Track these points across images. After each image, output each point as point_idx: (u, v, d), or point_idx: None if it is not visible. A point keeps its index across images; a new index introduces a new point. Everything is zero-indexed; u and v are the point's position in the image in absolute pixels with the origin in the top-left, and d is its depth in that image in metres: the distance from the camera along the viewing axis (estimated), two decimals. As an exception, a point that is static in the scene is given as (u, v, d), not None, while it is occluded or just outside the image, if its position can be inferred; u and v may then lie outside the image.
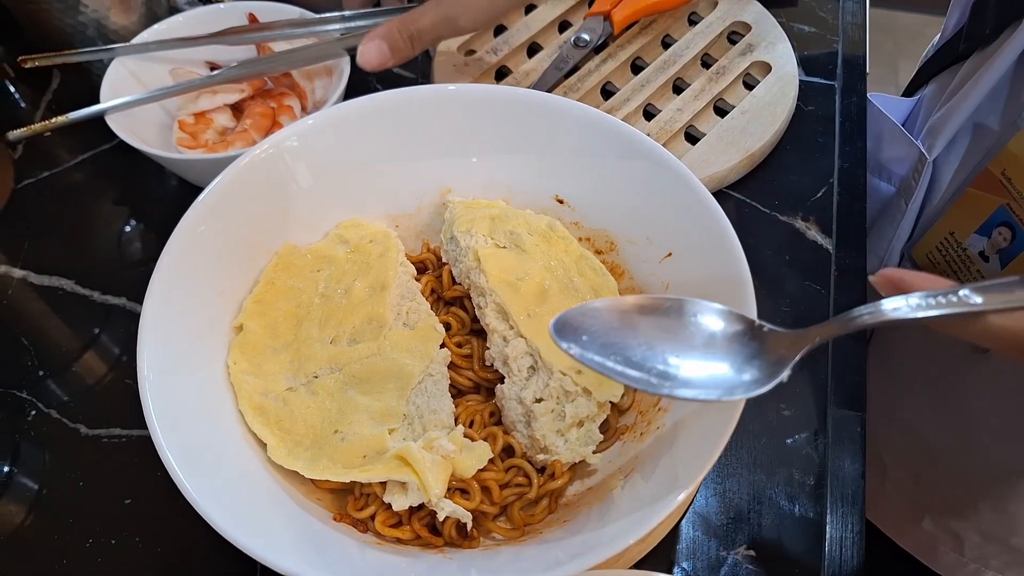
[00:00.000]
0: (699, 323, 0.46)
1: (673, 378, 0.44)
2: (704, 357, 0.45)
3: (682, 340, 0.46)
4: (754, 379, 0.44)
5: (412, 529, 0.57)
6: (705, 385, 0.44)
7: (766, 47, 0.91)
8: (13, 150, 0.91)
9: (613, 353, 0.45)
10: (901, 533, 0.99)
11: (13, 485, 0.69)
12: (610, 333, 0.46)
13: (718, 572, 0.62)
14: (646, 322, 0.47)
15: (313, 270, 0.66)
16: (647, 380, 0.44)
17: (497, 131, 0.68)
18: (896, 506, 0.98)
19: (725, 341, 0.46)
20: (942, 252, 0.77)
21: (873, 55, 0.99)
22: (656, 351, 0.45)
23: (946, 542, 0.93)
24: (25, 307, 0.80)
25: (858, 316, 0.43)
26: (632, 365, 0.45)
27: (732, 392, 0.44)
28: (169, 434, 0.51)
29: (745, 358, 0.45)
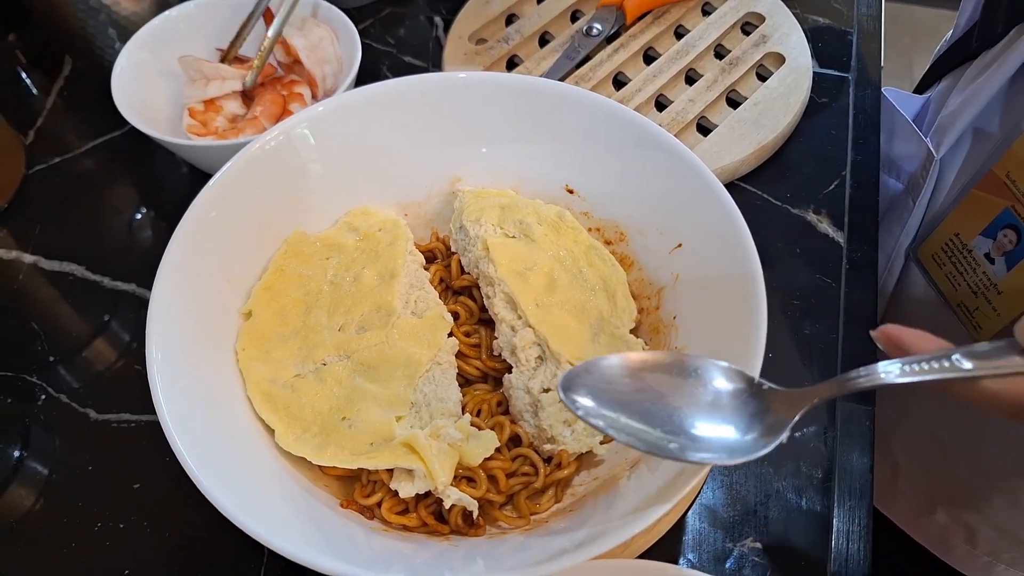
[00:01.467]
0: (702, 382, 0.47)
1: (679, 441, 0.45)
2: (708, 418, 0.46)
3: (686, 398, 0.47)
4: (755, 441, 0.45)
5: (418, 516, 0.57)
6: (710, 448, 0.45)
7: (780, 38, 0.91)
8: (25, 136, 0.91)
9: (619, 413, 0.46)
10: (914, 526, 0.98)
11: (23, 469, 0.69)
12: (617, 392, 0.47)
13: (724, 564, 0.62)
14: (651, 379, 0.48)
15: (322, 257, 0.66)
16: (655, 443, 0.45)
17: (507, 120, 0.68)
18: (909, 499, 0.97)
19: (727, 401, 0.46)
20: (948, 253, 0.76)
21: (889, 49, 0.98)
22: (662, 411, 0.46)
23: (959, 535, 0.93)
24: (35, 292, 0.80)
25: (854, 379, 0.44)
26: (637, 427, 0.45)
27: (734, 455, 0.44)
28: (178, 419, 0.51)
29: (746, 418, 0.46)
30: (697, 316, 0.61)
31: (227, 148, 0.72)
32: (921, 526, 0.97)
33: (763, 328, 0.52)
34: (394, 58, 0.97)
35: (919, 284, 0.85)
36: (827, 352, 0.72)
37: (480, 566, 0.51)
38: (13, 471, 0.69)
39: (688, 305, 0.62)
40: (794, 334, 0.74)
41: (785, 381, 0.70)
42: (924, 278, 0.82)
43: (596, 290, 0.65)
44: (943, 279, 0.78)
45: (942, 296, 0.79)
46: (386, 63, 0.96)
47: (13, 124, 0.90)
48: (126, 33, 0.87)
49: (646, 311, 0.65)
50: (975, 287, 0.74)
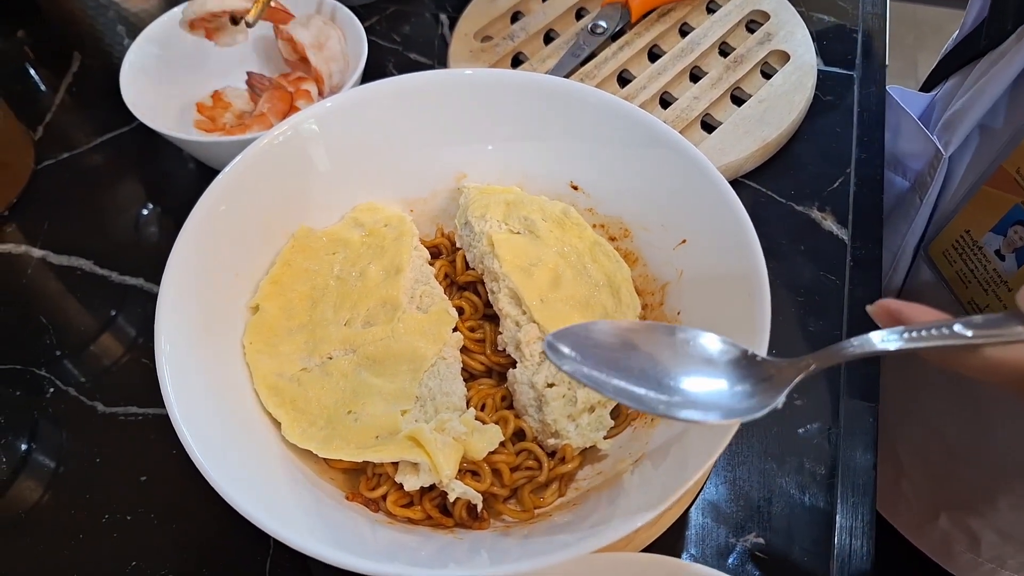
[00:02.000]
0: (695, 347, 0.46)
1: (670, 398, 0.44)
2: (702, 379, 0.45)
3: (679, 361, 0.45)
4: (750, 404, 0.43)
5: (423, 509, 0.57)
6: (703, 406, 0.44)
7: (785, 36, 0.91)
8: (34, 132, 0.92)
9: (609, 371, 0.44)
10: (916, 532, 0.98)
11: (31, 462, 0.70)
12: (607, 352, 0.46)
13: (727, 559, 0.62)
14: (643, 343, 0.47)
15: (328, 252, 0.67)
16: (644, 398, 0.44)
17: (512, 117, 0.68)
18: (912, 504, 0.97)
19: (721, 366, 0.46)
20: (958, 250, 0.76)
21: (893, 48, 0.98)
22: (653, 371, 0.45)
23: (962, 541, 0.93)
24: (44, 287, 0.81)
25: (849, 348, 0.43)
26: (628, 382, 0.44)
27: (729, 415, 0.43)
28: (185, 412, 0.52)
29: (741, 383, 0.45)
30: (701, 312, 0.61)
31: (234, 144, 0.73)
32: (924, 533, 0.97)
33: (767, 325, 0.53)
34: (400, 55, 0.97)
35: (928, 282, 0.85)
36: (830, 349, 0.73)
37: (484, 558, 0.52)
38: (21, 463, 0.69)
39: (692, 301, 0.62)
40: (798, 331, 0.74)
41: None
42: (934, 275, 0.82)
43: (600, 286, 0.65)
44: (953, 276, 0.78)
45: (952, 293, 0.79)
46: (392, 60, 0.97)
47: (22, 120, 0.90)
48: (134, 30, 0.87)
49: (650, 307, 0.66)
50: (985, 284, 0.74)
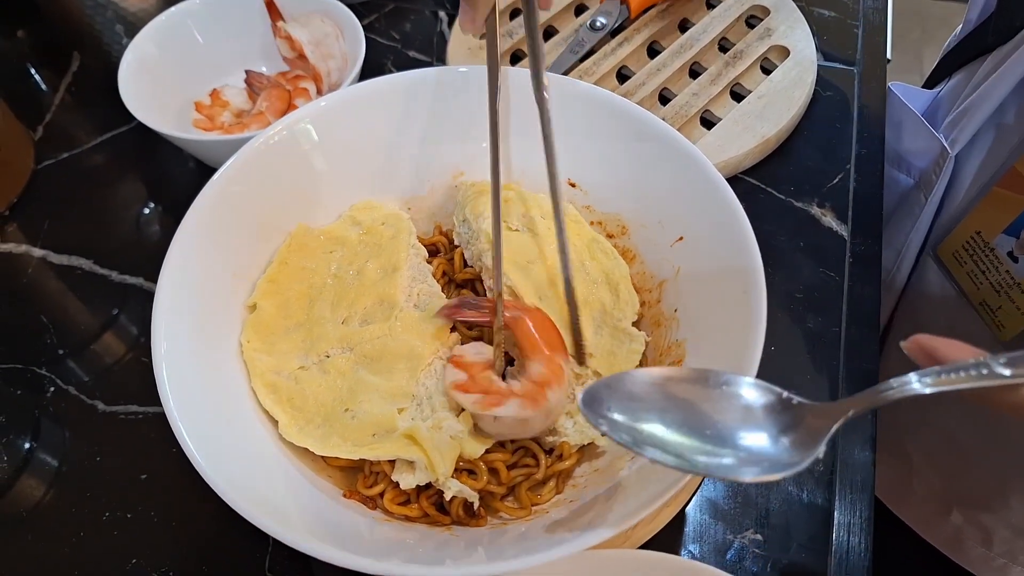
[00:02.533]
0: (732, 394, 0.45)
1: (710, 459, 0.42)
2: (739, 434, 0.43)
3: (717, 411, 0.44)
4: (790, 456, 0.42)
5: (420, 507, 0.57)
6: (743, 466, 0.42)
7: (784, 31, 0.91)
8: (34, 132, 0.92)
9: (646, 430, 0.43)
10: (926, 526, 0.97)
11: (33, 460, 0.70)
12: (643, 405, 0.44)
13: (725, 555, 0.62)
14: (680, 392, 0.45)
15: (326, 251, 0.67)
16: (684, 461, 0.42)
17: (510, 114, 0.68)
18: (923, 501, 0.97)
19: (757, 415, 0.44)
20: (969, 252, 0.76)
21: (898, 42, 0.98)
22: (692, 424, 0.44)
23: (974, 536, 0.92)
24: (44, 286, 0.81)
25: (888, 390, 0.42)
26: (665, 445, 0.43)
27: (771, 471, 0.42)
28: (183, 411, 0.52)
29: (778, 433, 0.43)
30: (698, 309, 0.61)
31: (232, 143, 0.73)
32: (935, 528, 0.96)
33: (763, 321, 0.53)
34: (399, 53, 0.97)
35: (934, 282, 0.84)
36: (830, 346, 0.73)
37: (481, 555, 0.52)
38: (23, 462, 0.70)
39: (689, 298, 0.62)
40: (797, 328, 0.74)
41: (787, 374, 0.70)
42: (943, 276, 0.82)
43: (598, 283, 0.65)
44: (964, 277, 0.77)
45: (963, 294, 0.78)
46: (390, 58, 0.97)
47: (22, 119, 0.91)
48: (133, 29, 0.87)
49: (648, 304, 0.66)
50: (998, 285, 0.74)
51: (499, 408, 0.55)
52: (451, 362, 0.58)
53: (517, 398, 0.55)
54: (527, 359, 0.58)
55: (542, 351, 0.58)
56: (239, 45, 0.90)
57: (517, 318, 0.59)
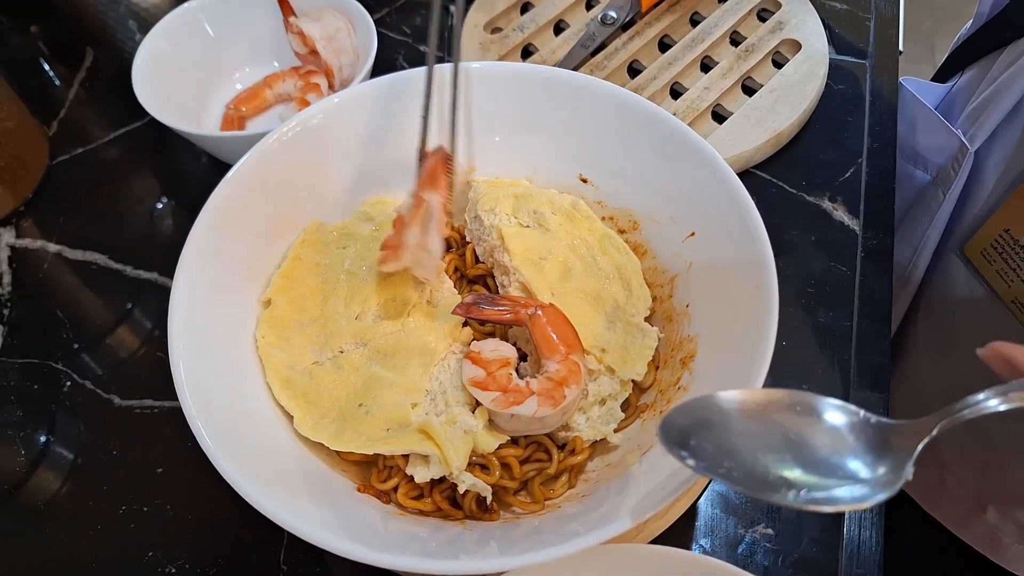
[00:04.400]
0: (814, 422, 0.43)
1: (796, 485, 0.41)
2: (827, 455, 0.42)
3: (800, 440, 0.43)
4: (876, 481, 0.41)
5: (433, 501, 0.58)
6: (831, 493, 0.41)
7: (796, 24, 0.90)
8: (49, 127, 0.92)
9: (731, 460, 0.42)
10: (962, 525, 0.96)
11: (50, 454, 0.71)
12: (725, 438, 0.43)
13: (736, 550, 0.63)
14: (760, 416, 0.44)
15: (339, 247, 0.67)
16: (772, 491, 0.41)
17: (521, 109, 0.68)
18: (957, 498, 0.96)
19: (845, 440, 0.43)
20: (998, 250, 0.75)
21: (910, 33, 0.97)
22: (775, 452, 0.42)
23: (1010, 533, 0.91)
24: (60, 281, 0.82)
25: (969, 407, 0.41)
26: (751, 473, 0.42)
27: (859, 500, 0.40)
28: (199, 405, 0.52)
29: (867, 456, 0.42)
30: (710, 304, 0.61)
31: (246, 139, 0.73)
32: (970, 526, 0.95)
33: (774, 316, 0.53)
34: (410, 47, 0.97)
35: (960, 280, 0.84)
36: (841, 340, 0.73)
37: (494, 549, 0.52)
38: (40, 455, 0.70)
39: (701, 293, 0.62)
40: (809, 322, 0.74)
41: (799, 368, 0.70)
42: (970, 274, 0.81)
43: (611, 278, 0.65)
44: (994, 275, 0.77)
45: (993, 293, 0.78)
46: (402, 52, 0.97)
47: (36, 115, 0.91)
48: (146, 24, 0.88)
49: (659, 299, 0.66)
50: None
51: (518, 407, 0.55)
52: (468, 358, 0.59)
53: (535, 396, 0.56)
54: (543, 357, 0.58)
55: (558, 349, 0.58)
56: (251, 40, 0.90)
57: (532, 315, 0.59)
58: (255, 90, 0.89)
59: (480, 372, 0.58)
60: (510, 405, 0.56)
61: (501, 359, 0.59)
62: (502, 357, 0.59)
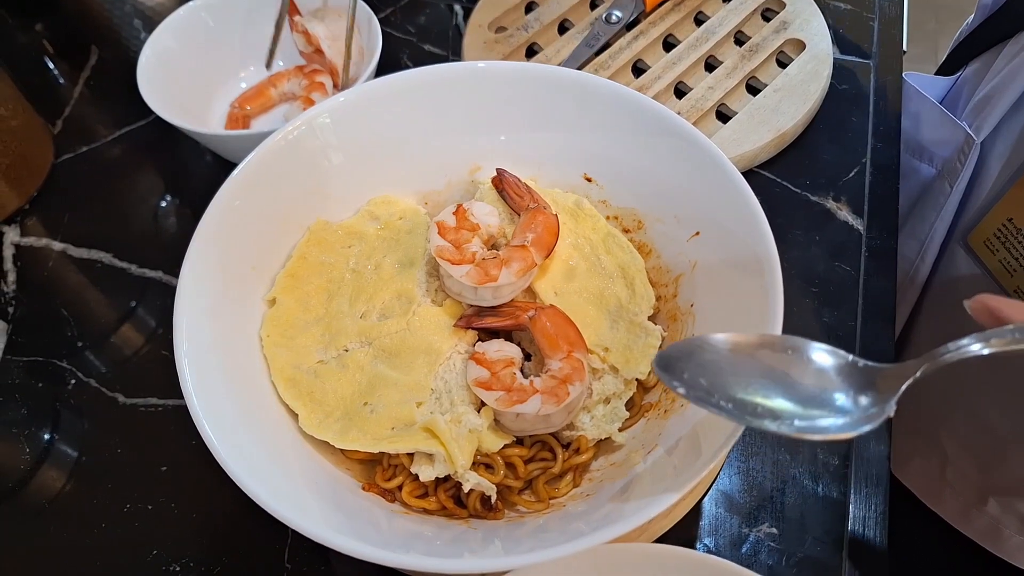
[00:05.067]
0: (801, 360, 0.46)
1: (782, 415, 0.44)
2: (813, 392, 0.45)
3: (790, 376, 0.45)
4: (860, 414, 0.43)
5: (438, 500, 0.58)
6: (816, 423, 0.43)
7: (800, 24, 0.90)
8: (53, 126, 0.92)
9: (720, 391, 0.45)
10: (963, 519, 0.96)
11: (54, 452, 0.71)
12: (716, 370, 0.46)
13: (740, 549, 0.63)
14: (751, 357, 0.47)
15: (344, 246, 0.67)
16: (758, 420, 0.43)
17: (526, 109, 0.68)
18: (958, 492, 0.96)
19: (828, 377, 0.45)
20: (1001, 239, 0.75)
21: (914, 33, 0.97)
22: (765, 387, 0.45)
23: (1011, 525, 0.91)
24: (64, 279, 0.82)
25: (949, 352, 0.42)
26: (740, 403, 0.44)
27: (845, 428, 0.43)
28: (205, 404, 0.52)
29: (853, 394, 0.44)
30: (714, 303, 0.61)
31: (250, 138, 0.74)
32: (971, 519, 0.95)
33: (779, 316, 0.53)
34: (414, 47, 0.97)
35: (964, 271, 0.84)
36: (846, 340, 0.73)
37: (498, 548, 0.52)
38: (44, 453, 0.71)
39: (705, 292, 0.62)
40: (813, 322, 0.74)
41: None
42: (974, 265, 0.81)
43: (614, 277, 0.65)
44: (997, 265, 0.77)
45: (996, 283, 0.78)
46: (407, 52, 0.97)
47: (41, 113, 0.91)
48: (151, 23, 0.88)
49: (664, 299, 0.66)
50: None
51: (522, 405, 0.56)
52: (473, 359, 0.59)
53: (539, 395, 0.56)
54: (546, 356, 0.58)
55: (561, 347, 0.58)
56: (257, 39, 0.90)
57: (532, 317, 0.59)
58: (260, 89, 0.89)
59: (484, 372, 0.58)
60: (514, 404, 0.56)
61: (505, 359, 0.59)
62: (506, 357, 0.59)
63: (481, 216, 0.63)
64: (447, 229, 0.62)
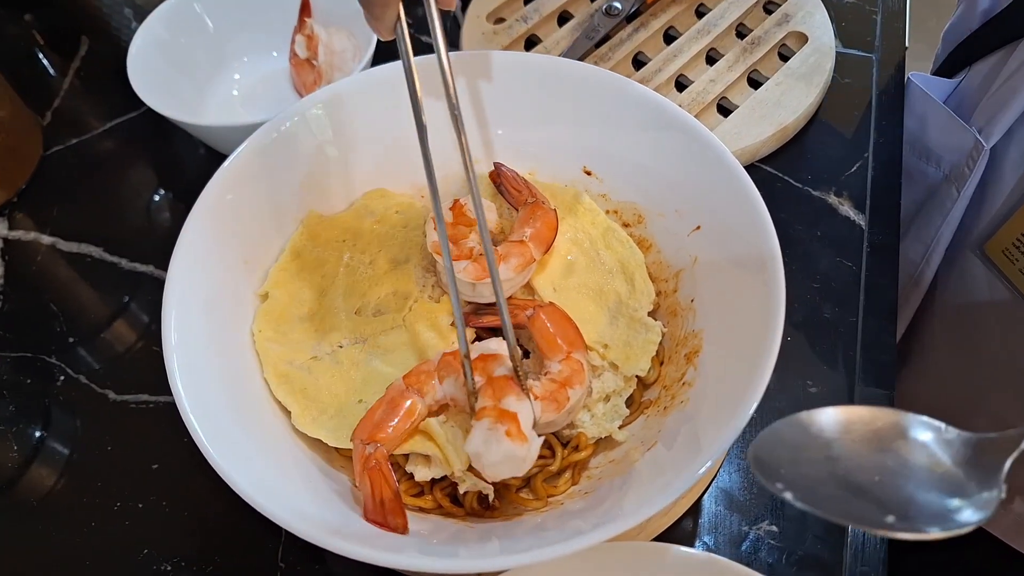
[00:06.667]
0: (903, 438, 0.42)
1: (889, 514, 0.39)
2: (919, 485, 0.40)
3: (895, 468, 0.41)
4: (972, 503, 0.39)
5: (434, 498, 0.57)
6: (927, 520, 0.39)
7: (803, 17, 0.89)
8: (43, 117, 0.91)
9: (824, 487, 0.40)
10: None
11: (44, 449, 0.70)
12: (815, 460, 0.41)
13: (740, 547, 0.62)
14: (847, 437, 0.42)
15: (338, 240, 0.66)
16: (867, 520, 0.39)
17: (525, 101, 0.67)
18: None
19: (927, 457, 0.41)
20: (1020, 248, 0.74)
21: (915, 30, 0.96)
22: (866, 477, 0.40)
23: None
24: (54, 273, 0.80)
25: None
26: (848, 504, 0.39)
27: (951, 527, 0.38)
28: (194, 401, 0.51)
29: (951, 475, 0.40)
30: (715, 298, 0.60)
31: (243, 129, 0.72)
32: (996, 516, 0.95)
33: (781, 311, 0.52)
34: (411, 38, 0.96)
35: (978, 278, 0.82)
36: (847, 335, 0.72)
37: (495, 546, 0.52)
38: (34, 451, 0.69)
39: (706, 287, 0.61)
40: (814, 317, 0.73)
41: (804, 365, 0.70)
42: (992, 274, 0.80)
43: (614, 273, 0.64)
44: (1017, 275, 0.76)
45: (1017, 292, 0.77)
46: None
47: (30, 105, 0.90)
48: (142, 13, 0.86)
49: (664, 294, 0.65)
50: None
51: None
52: None
53: (539, 401, 0.55)
54: (545, 357, 0.57)
55: (560, 348, 0.57)
56: (248, 30, 0.89)
57: (531, 316, 0.58)
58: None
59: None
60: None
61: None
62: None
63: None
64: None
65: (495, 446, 0.50)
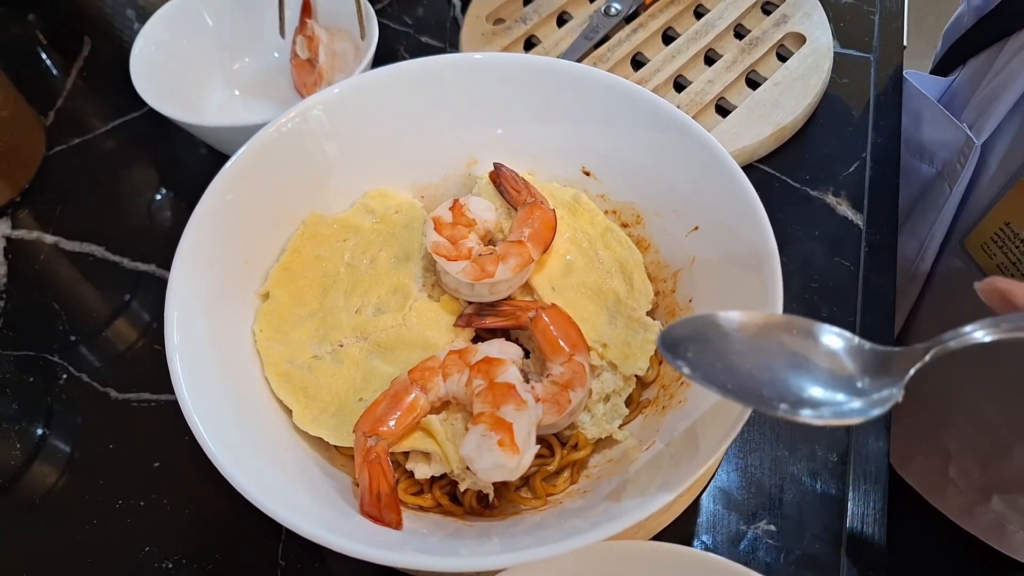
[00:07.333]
0: (810, 342, 0.45)
1: (788, 399, 0.42)
2: (819, 377, 0.44)
3: (796, 356, 0.44)
4: (867, 400, 0.42)
5: (433, 497, 0.57)
6: (822, 408, 0.42)
7: (801, 18, 0.90)
8: (45, 117, 0.92)
9: (726, 369, 0.44)
10: (966, 516, 0.96)
11: (46, 447, 0.70)
12: (720, 348, 0.45)
13: (738, 546, 0.62)
14: (756, 337, 0.45)
15: (339, 239, 0.66)
16: (764, 402, 0.42)
17: (524, 101, 0.67)
18: (961, 489, 0.96)
19: (836, 360, 0.44)
20: (998, 243, 0.74)
21: (914, 29, 0.97)
22: (768, 367, 0.44)
23: (1015, 521, 0.92)
24: (56, 272, 0.81)
25: (967, 334, 0.42)
26: (746, 386, 0.43)
27: (850, 415, 0.42)
28: (196, 399, 0.52)
29: (855, 378, 0.43)
30: (713, 298, 0.61)
31: (244, 129, 0.72)
32: (974, 516, 0.95)
33: (779, 310, 0.52)
34: (411, 39, 0.97)
35: (963, 272, 0.83)
36: (844, 335, 0.72)
37: (495, 545, 0.52)
38: (36, 449, 0.70)
39: (704, 287, 0.62)
40: (812, 317, 0.72)
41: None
42: (972, 268, 0.80)
43: (612, 272, 0.65)
44: (995, 270, 0.76)
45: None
46: (403, 44, 0.96)
47: (33, 105, 0.90)
48: (144, 14, 0.87)
49: (662, 294, 0.65)
50: None
51: None
52: None
53: (541, 403, 0.55)
54: (547, 359, 0.58)
55: (562, 351, 0.57)
56: (251, 30, 0.89)
57: (534, 318, 0.59)
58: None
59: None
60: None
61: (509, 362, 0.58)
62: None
63: (478, 211, 0.63)
64: (443, 224, 0.61)
65: (486, 454, 0.51)
